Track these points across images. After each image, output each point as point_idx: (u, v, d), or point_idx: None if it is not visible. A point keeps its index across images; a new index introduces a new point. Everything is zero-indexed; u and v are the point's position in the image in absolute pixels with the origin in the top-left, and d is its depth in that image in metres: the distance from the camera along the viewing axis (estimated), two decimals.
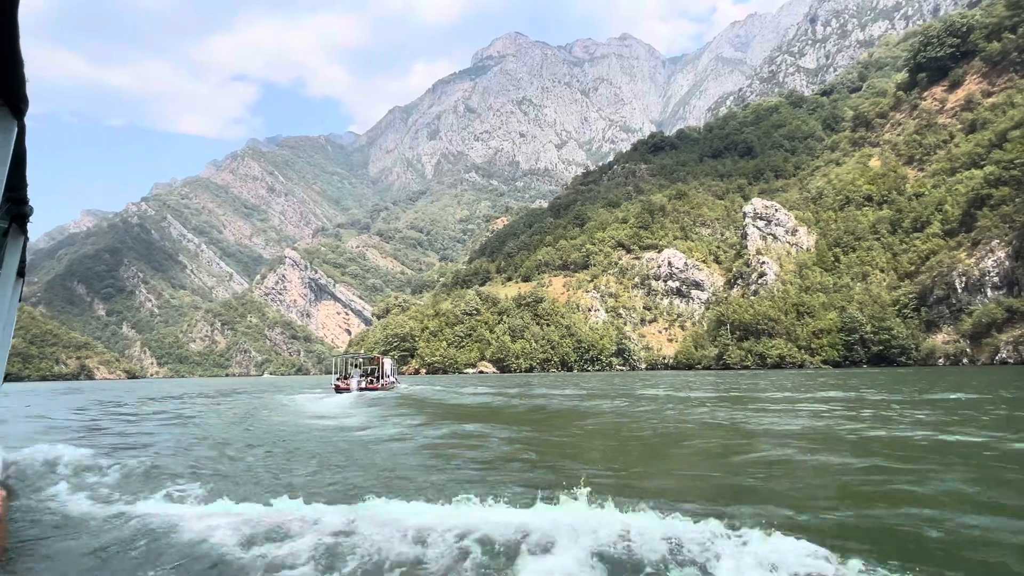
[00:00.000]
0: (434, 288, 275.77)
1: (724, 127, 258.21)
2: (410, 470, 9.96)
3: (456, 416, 22.99)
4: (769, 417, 17.83)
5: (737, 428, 15.65)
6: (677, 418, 18.78)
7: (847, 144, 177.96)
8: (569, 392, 38.91)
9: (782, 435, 13.79)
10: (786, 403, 23.47)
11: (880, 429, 14.15)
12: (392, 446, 13.49)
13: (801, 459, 10.31)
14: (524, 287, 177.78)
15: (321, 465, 10.72)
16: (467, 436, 15.29)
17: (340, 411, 25.85)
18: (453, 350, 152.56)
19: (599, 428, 17.51)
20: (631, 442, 14.22)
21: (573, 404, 27.57)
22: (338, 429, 17.86)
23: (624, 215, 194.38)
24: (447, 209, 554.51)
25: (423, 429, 17.67)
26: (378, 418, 21.67)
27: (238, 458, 11.80)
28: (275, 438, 15.69)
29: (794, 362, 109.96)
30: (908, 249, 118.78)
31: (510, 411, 25.45)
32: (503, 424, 18.31)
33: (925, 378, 46.32)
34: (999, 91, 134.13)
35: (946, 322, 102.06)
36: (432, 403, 32.02)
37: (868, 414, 17.75)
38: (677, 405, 24.46)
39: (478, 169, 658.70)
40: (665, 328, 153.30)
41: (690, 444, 13.57)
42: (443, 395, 40.28)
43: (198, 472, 9.81)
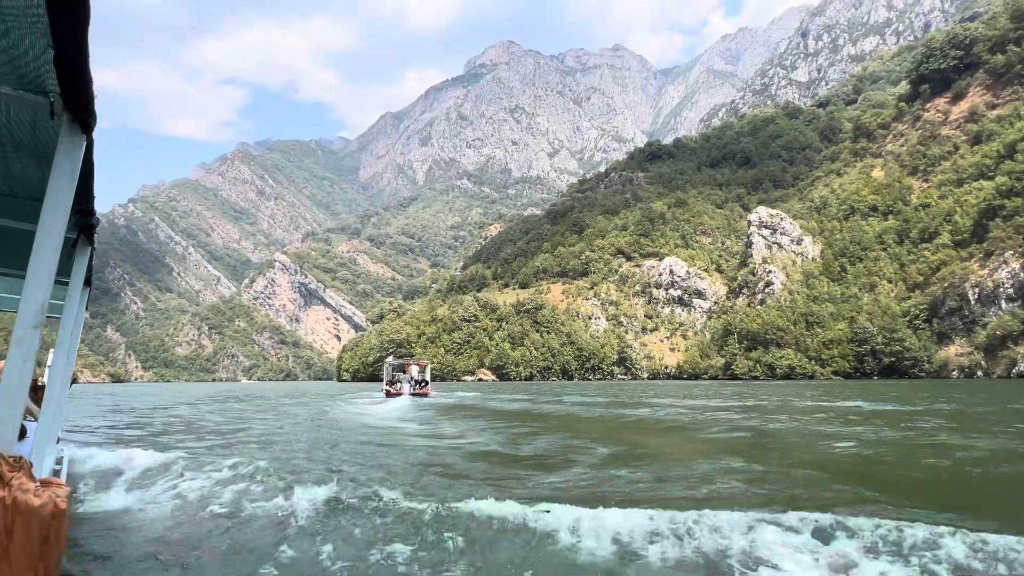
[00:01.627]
0: (427, 294, 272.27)
1: (721, 137, 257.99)
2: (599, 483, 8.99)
3: (542, 427, 20.46)
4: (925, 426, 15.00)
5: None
6: (814, 432, 15.93)
7: (848, 154, 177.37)
8: (601, 400, 37.38)
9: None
10: (920, 415, 20.70)
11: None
12: (516, 453, 12.68)
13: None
14: (522, 294, 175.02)
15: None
16: (577, 448, 13.41)
17: (416, 416, 25.27)
18: (451, 357, 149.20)
19: (725, 438, 14.72)
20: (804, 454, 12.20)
21: (625, 412, 25.86)
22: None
23: (623, 222, 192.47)
24: (438, 215, 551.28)
25: (525, 439, 15.46)
26: (474, 429, 19.65)
27: (366, 462, 11.57)
28: (385, 442, 15.32)
29: (804, 373, 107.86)
30: (916, 260, 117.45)
31: (584, 419, 22.77)
32: (593, 433, 16.97)
33: (964, 389, 44.02)
34: (1004, 103, 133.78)
35: (959, 334, 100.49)
36: (493, 411, 29.83)
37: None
38: (763, 415, 21.74)
39: (470, 176, 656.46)
40: (667, 337, 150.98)
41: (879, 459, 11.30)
42: (488, 403, 37.93)
43: (294, 471, 9.76)
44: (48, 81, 2.09)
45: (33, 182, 3.34)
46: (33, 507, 1.96)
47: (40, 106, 2.22)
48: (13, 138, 2.73)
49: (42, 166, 3.01)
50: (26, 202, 3.67)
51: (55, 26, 1.74)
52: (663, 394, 45.95)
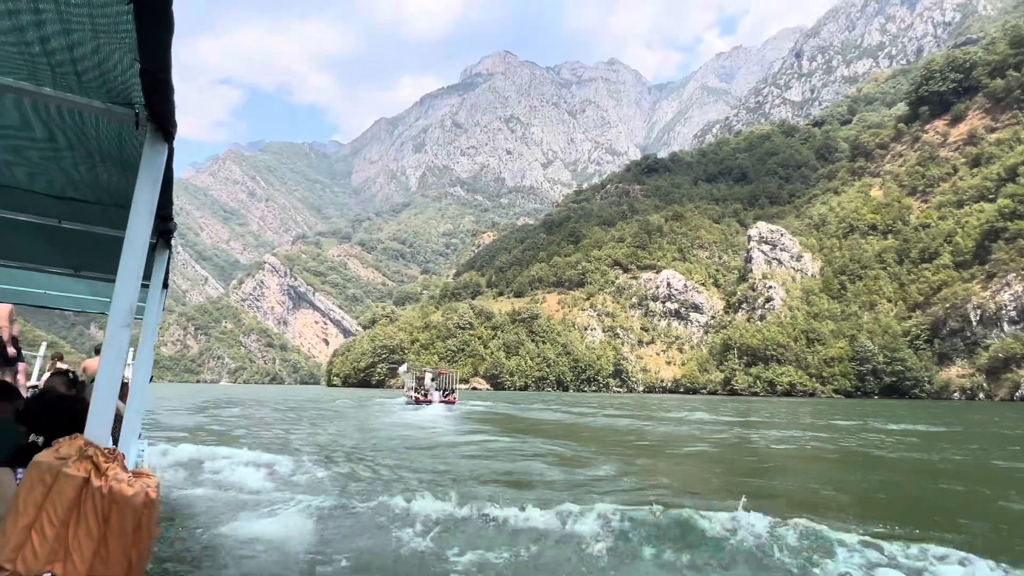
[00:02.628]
0: (418, 301, 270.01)
1: (718, 152, 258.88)
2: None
3: (597, 441, 19.57)
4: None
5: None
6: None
7: (846, 173, 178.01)
8: (615, 412, 37.60)
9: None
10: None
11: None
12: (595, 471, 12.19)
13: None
14: (517, 303, 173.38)
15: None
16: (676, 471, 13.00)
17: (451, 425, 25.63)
18: (445, 364, 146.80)
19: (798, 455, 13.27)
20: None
21: (649, 427, 25.75)
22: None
23: (620, 234, 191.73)
24: (430, 222, 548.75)
25: (593, 460, 14.01)
26: (520, 440, 19.09)
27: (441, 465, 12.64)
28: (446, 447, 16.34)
29: (805, 390, 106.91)
30: (917, 279, 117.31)
31: (627, 433, 21.27)
32: (651, 451, 16.69)
33: (988, 412, 42.95)
34: (1003, 127, 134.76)
35: (960, 355, 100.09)
36: (527, 422, 29.56)
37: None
38: (831, 433, 20.26)
39: (463, 184, 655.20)
40: (663, 350, 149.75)
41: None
42: (513, 412, 38.62)
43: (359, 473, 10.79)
44: (134, 94, 2.22)
45: (119, 190, 3.49)
46: (127, 496, 2.10)
47: (126, 118, 2.35)
48: (102, 149, 2.89)
49: (127, 175, 3.14)
50: (112, 209, 3.84)
51: (142, 41, 1.85)
52: (678, 407, 44.63)
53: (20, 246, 5.42)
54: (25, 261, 6.04)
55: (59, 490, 2.04)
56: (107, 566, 2.08)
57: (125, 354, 2.41)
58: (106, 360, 2.34)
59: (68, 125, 2.66)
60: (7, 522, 2.03)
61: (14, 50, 2.04)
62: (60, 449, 2.13)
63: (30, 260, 6.01)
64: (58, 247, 5.32)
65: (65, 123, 2.64)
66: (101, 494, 2.07)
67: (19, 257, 5.91)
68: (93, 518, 2.06)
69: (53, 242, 5.11)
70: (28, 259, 5.97)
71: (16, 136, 2.88)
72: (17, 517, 2.02)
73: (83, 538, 2.04)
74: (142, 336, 3.98)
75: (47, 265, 6.10)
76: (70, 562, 2.02)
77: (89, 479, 2.07)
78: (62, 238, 4.83)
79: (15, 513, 2.03)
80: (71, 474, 2.06)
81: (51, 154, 3.07)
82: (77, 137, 2.79)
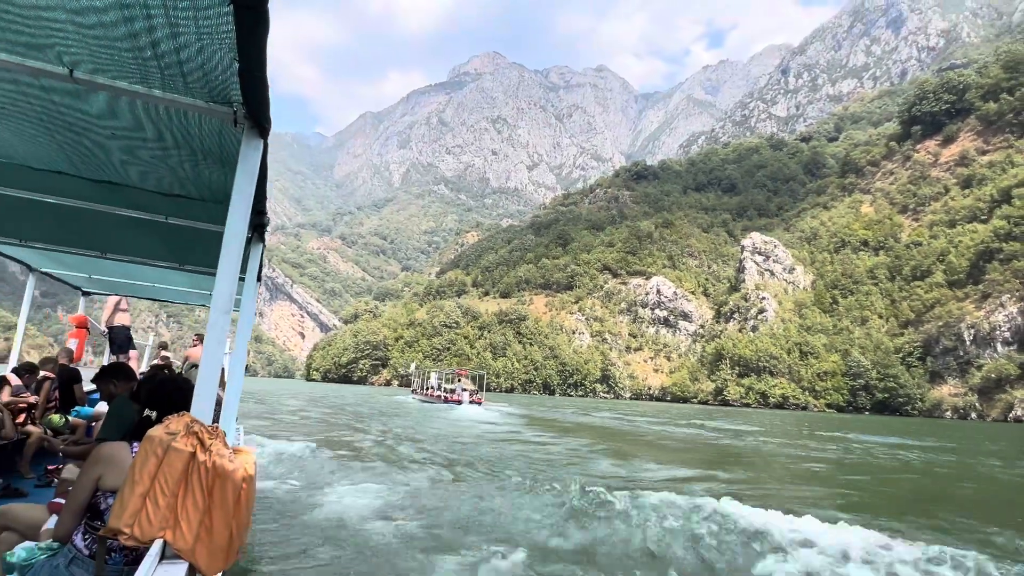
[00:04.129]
0: (401, 297, 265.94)
1: (707, 162, 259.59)
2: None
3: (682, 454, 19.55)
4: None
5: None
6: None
7: (835, 189, 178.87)
8: (646, 419, 38.20)
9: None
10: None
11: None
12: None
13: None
14: (504, 303, 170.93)
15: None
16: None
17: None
18: (429, 363, 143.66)
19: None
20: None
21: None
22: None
23: (610, 239, 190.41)
24: (413, 219, 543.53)
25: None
26: (587, 447, 20.16)
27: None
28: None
29: (797, 403, 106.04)
30: (909, 296, 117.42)
31: (694, 441, 19.70)
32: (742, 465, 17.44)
33: (981, 432, 41.76)
34: (994, 150, 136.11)
35: (952, 374, 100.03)
36: (576, 425, 30.36)
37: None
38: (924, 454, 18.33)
39: (447, 182, 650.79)
40: (651, 358, 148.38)
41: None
42: (555, 416, 39.06)
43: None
44: (232, 92, 2.33)
45: (218, 186, 3.69)
46: (228, 470, 2.24)
47: (226, 116, 2.45)
48: (204, 147, 3.05)
49: (226, 171, 3.31)
50: (212, 205, 4.07)
51: (241, 41, 1.95)
52: (711, 416, 43.02)
53: (132, 241, 5.75)
54: (135, 255, 6.46)
55: (169, 462, 2.17)
56: (211, 535, 2.21)
57: (225, 342, 2.54)
58: (208, 347, 2.48)
59: (175, 125, 2.79)
60: (125, 491, 2.19)
61: (129, 56, 2.17)
62: (170, 425, 2.28)
63: (140, 254, 6.41)
64: (165, 242, 5.58)
65: (172, 123, 2.78)
66: (206, 468, 2.21)
67: (130, 251, 6.29)
68: (199, 490, 2.19)
69: (160, 237, 5.36)
70: (138, 253, 6.38)
71: (131, 137, 3.04)
72: (134, 486, 2.16)
73: (190, 508, 2.18)
74: (239, 328, 4.08)
75: (155, 259, 6.49)
76: (179, 530, 2.16)
77: (195, 453, 2.21)
78: (168, 233, 5.06)
79: (132, 482, 2.18)
80: (179, 448, 2.20)
81: (160, 153, 3.22)
82: (183, 136, 2.93)
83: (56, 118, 2.91)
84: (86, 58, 2.21)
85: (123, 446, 2.74)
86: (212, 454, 2.25)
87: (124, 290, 9.32)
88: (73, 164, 3.69)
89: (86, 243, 6.14)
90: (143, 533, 2.12)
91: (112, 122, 2.87)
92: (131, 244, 5.92)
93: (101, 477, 2.59)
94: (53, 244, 6.24)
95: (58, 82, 2.40)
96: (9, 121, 3.04)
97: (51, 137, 3.22)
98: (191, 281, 7.77)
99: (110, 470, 2.59)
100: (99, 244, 6.14)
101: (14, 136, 3.26)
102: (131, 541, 2.14)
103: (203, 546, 2.21)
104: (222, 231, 2.48)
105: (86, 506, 2.58)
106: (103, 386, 4.67)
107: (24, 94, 2.63)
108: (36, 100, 2.69)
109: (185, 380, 3.08)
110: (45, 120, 2.96)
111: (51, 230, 5.75)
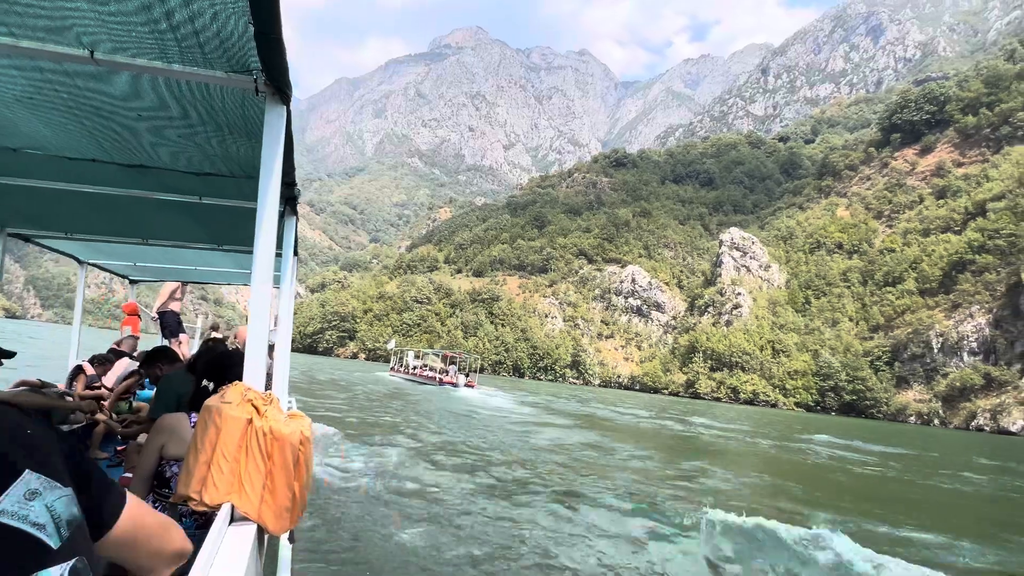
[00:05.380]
0: (369, 269, 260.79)
1: (686, 155, 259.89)
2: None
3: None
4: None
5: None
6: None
7: (812, 190, 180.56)
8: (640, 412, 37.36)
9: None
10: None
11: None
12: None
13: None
14: (476, 282, 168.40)
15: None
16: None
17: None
18: (399, 338, 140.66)
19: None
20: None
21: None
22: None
23: (587, 224, 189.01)
24: (384, 190, 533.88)
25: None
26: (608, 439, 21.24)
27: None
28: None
29: (768, 401, 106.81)
30: (880, 301, 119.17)
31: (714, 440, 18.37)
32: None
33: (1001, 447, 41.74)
34: (970, 163, 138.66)
35: (918, 380, 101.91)
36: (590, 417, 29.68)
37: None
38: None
39: (421, 155, 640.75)
40: (621, 346, 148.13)
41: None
42: (559, 405, 37.69)
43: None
44: (251, 59, 2.27)
45: (247, 161, 3.59)
46: (285, 434, 2.32)
47: (246, 85, 2.39)
48: (228, 121, 2.99)
49: (252, 144, 3.25)
50: (243, 181, 3.96)
51: (253, 2, 1.90)
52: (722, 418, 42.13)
53: (170, 225, 5.63)
54: (175, 239, 6.32)
55: (228, 429, 2.25)
56: (275, 497, 2.31)
57: (268, 319, 2.59)
58: (254, 322, 2.54)
59: (198, 100, 2.74)
60: (189, 459, 2.29)
61: (145, 30, 2.14)
62: (225, 394, 2.36)
63: (180, 238, 6.27)
64: (201, 223, 5.48)
65: (195, 98, 2.73)
66: (263, 432, 2.29)
67: (171, 236, 6.20)
68: (259, 454, 2.28)
69: (196, 219, 5.27)
70: (178, 237, 6.24)
71: (156, 117, 3.00)
72: (197, 454, 2.25)
73: (252, 472, 2.27)
74: (280, 304, 4.08)
75: (194, 242, 6.34)
76: (244, 493, 2.25)
77: (251, 420, 2.29)
78: (204, 214, 5.01)
79: (195, 451, 2.27)
80: (236, 415, 2.28)
81: (187, 131, 3.18)
82: (207, 111, 2.87)
83: (83, 104, 2.87)
84: (104, 37, 2.20)
85: (182, 416, 2.86)
86: (268, 419, 2.32)
87: (169, 275, 9.51)
88: (104, 150, 3.61)
89: (128, 231, 6.11)
90: (211, 498, 2.21)
91: (137, 103, 2.83)
92: (170, 228, 5.79)
93: (164, 447, 2.72)
94: (97, 235, 6.31)
95: (80, 65, 2.38)
96: (39, 111, 3.01)
97: (80, 124, 3.17)
98: (232, 261, 7.62)
99: (172, 440, 2.73)
100: (140, 231, 6.08)
101: (45, 126, 3.24)
102: (200, 506, 2.23)
103: (268, 507, 2.30)
104: (255, 207, 2.49)
105: (153, 475, 2.72)
106: (150, 371, 4.88)
107: (49, 81, 2.62)
108: (62, 87, 2.67)
109: (238, 352, 3.15)
110: (72, 107, 2.92)
111: (93, 220, 5.68)
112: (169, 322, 9.60)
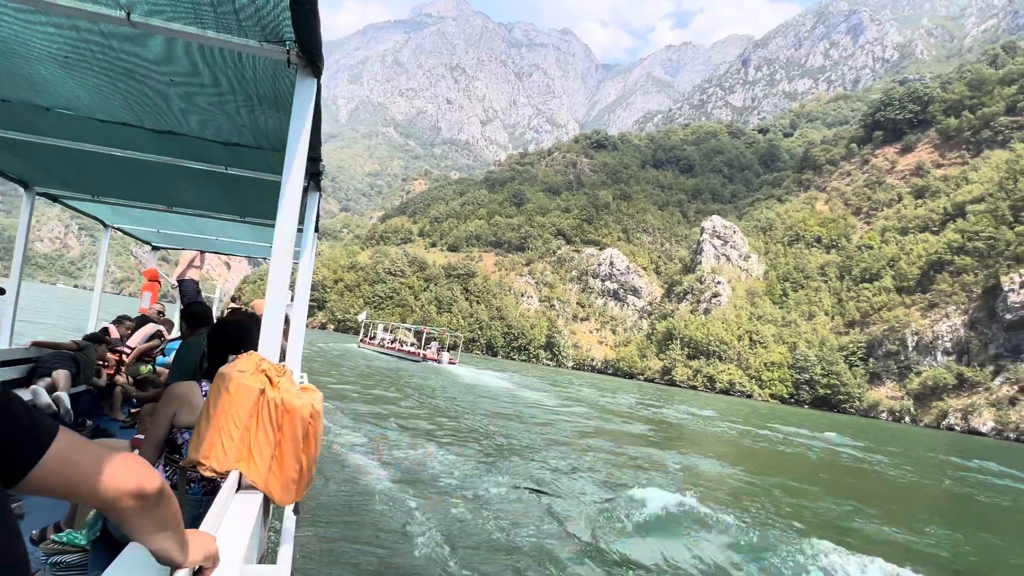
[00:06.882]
0: (340, 239, 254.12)
1: (666, 140, 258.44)
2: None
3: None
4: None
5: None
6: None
7: (791, 183, 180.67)
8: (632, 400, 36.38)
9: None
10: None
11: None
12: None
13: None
14: (451, 257, 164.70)
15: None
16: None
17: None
18: (370, 310, 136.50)
19: None
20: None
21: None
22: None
23: (567, 204, 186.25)
24: (357, 159, 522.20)
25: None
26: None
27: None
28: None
29: (743, 391, 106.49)
30: (856, 297, 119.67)
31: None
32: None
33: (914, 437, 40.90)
34: (949, 164, 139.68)
35: (891, 377, 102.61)
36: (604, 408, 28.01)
37: None
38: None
39: (397, 125, 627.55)
40: (596, 329, 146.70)
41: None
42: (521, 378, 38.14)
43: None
44: (284, 30, 2.24)
45: (275, 133, 3.58)
46: (296, 406, 2.33)
47: (279, 55, 2.37)
48: (259, 92, 2.95)
49: (280, 116, 3.23)
50: (270, 153, 3.97)
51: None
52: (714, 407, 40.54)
53: (195, 194, 5.67)
54: (199, 208, 6.38)
55: (240, 398, 2.26)
56: (282, 467, 2.32)
57: (286, 293, 2.60)
58: (271, 298, 2.54)
59: (230, 68, 2.70)
60: (201, 424, 2.31)
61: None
62: (239, 363, 2.37)
63: (203, 207, 6.32)
64: (226, 193, 5.51)
65: (228, 66, 2.68)
66: (275, 403, 2.30)
67: (195, 204, 6.26)
68: (269, 424, 2.29)
69: (222, 188, 5.29)
70: (202, 206, 6.30)
71: (188, 83, 2.97)
72: (209, 420, 2.27)
73: (262, 442, 2.29)
74: (299, 280, 4.11)
75: (217, 212, 6.38)
76: (252, 462, 2.28)
77: (264, 390, 2.30)
78: (229, 184, 5.02)
79: (207, 417, 2.29)
80: (248, 384, 2.28)
81: (217, 99, 3.15)
82: (238, 81, 2.84)
83: (116, 65, 2.84)
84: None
85: (193, 385, 2.88)
86: (280, 391, 2.32)
87: (191, 244, 9.64)
88: (135, 114, 3.60)
89: (153, 197, 6.12)
90: (220, 464, 2.23)
91: (169, 67, 2.80)
92: (195, 197, 5.81)
93: (175, 414, 2.74)
94: (123, 199, 6.30)
95: (116, 26, 2.37)
96: (73, 71, 2.97)
97: (113, 86, 3.14)
98: (253, 233, 7.66)
99: (183, 408, 2.75)
100: (165, 198, 6.10)
101: (79, 87, 3.21)
102: (209, 472, 2.24)
103: (275, 478, 2.31)
104: (279, 181, 2.47)
105: (163, 441, 2.74)
106: (192, 333, 4.64)
107: (85, 41, 2.60)
108: (97, 47, 2.64)
109: (255, 320, 3.13)
110: (107, 68, 2.89)
111: (119, 184, 5.72)
112: (188, 290, 9.03)
